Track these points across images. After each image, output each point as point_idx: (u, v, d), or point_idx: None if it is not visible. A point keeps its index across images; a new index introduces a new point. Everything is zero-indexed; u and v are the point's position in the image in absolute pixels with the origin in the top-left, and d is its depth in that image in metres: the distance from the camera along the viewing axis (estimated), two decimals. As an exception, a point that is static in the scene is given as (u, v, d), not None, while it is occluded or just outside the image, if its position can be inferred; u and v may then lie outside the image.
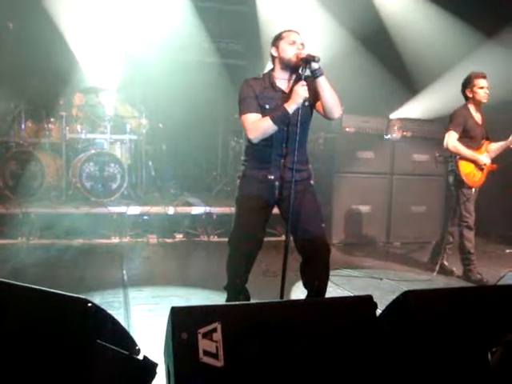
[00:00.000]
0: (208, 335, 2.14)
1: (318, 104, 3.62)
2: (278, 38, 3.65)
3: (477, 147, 5.38)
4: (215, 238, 6.97)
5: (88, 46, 8.11)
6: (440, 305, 2.58)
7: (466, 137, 5.33)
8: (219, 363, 2.13)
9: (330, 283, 5.00)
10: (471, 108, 5.38)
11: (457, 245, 5.56)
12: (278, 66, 3.64)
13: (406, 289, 2.56)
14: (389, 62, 8.76)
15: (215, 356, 2.13)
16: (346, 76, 8.60)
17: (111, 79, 8.02)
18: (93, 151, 7.07)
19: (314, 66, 3.43)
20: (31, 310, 2.14)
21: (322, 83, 3.49)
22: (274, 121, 3.46)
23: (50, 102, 7.43)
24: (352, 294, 4.47)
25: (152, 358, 2.26)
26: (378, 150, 7.25)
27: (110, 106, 7.60)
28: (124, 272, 5.26)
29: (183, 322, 2.14)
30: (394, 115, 7.88)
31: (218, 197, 8.01)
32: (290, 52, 3.55)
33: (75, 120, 7.40)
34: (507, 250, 6.47)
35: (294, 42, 3.58)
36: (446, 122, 5.67)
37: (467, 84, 5.39)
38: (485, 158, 5.35)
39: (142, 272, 5.38)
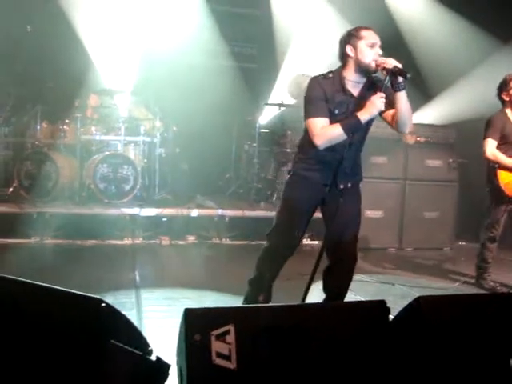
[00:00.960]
0: (221, 337, 2.15)
1: (387, 114, 3.44)
2: (355, 36, 3.36)
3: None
4: (227, 241, 6.98)
5: (104, 48, 8.17)
6: (453, 311, 2.58)
7: (505, 143, 5.07)
8: (232, 365, 2.14)
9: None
10: (508, 112, 5.12)
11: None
12: (351, 68, 3.38)
13: (417, 295, 2.56)
14: (404, 66, 8.73)
15: (228, 358, 2.14)
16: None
17: (126, 81, 8.07)
18: (107, 153, 7.11)
19: (399, 80, 3.24)
20: (46, 309, 2.16)
21: (402, 98, 3.31)
22: (345, 130, 3.28)
23: (65, 104, 7.50)
24: (364, 300, 4.45)
25: (164, 359, 2.27)
26: (392, 154, 7.22)
27: (125, 108, 7.64)
28: (136, 273, 5.28)
29: (196, 323, 2.15)
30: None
31: (231, 199, 8.02)
32: (369, 56, 3.31)
33: (90, 121, 7.44)
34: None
35: (373, 45, 3.34)
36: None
37: (503, 87, 5.12)
38: None
39: (154, 273, 5.41)
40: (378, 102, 3.23)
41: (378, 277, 5.69)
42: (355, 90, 3.41)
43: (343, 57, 3.43)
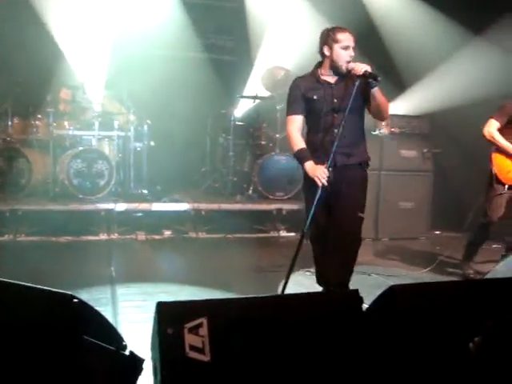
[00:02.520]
0: (194, 330, 2.14)
1: (369, 106, 3.91)
2: (331, 39, 3.79)
3: None
4: (204, 235, 6.96)
5: (75, 42, 8.04)
6: (426, 298, 2.60)
7: (511, 128, 4.97)
8: (205, 358, 2.13)
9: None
10: None
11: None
12: (326, 65, 3.89)
13: (393, 284, 2.57)
14: (377, 58, 8.75)
15: (201, 351, 2.13)
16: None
17: (98, 75, 7.97)
18: (80, 148, 7.03)
19: (370, 81, 3.69)
20: (17, 306, 2.13)
21: (375, 94, 3.75)
22: (295, 155, 3.94)
23: (36, 99, 7.38)
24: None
25: (139, 353, 2.25)
26: (367, 146, 7.24)
27: (98, 103, 7.55)
28: (112, 269, 5.23)
29: (169, 316, 2.14)
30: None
31: (207, 193, 8.00)
32: (343, 58, 3.78)
33: (62, 116, 7.34)
34: (494, 246, 6.50)
35: (347, 48, 3.78)
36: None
37: None
38: None
39: (130, 269, 5.37)
40: (318, 174, 3.65)
41: (354, 267, 5.71)
42: (332, 79, 3.90)
43: (321, 54, 3.91)
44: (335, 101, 3.85)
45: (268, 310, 2.32)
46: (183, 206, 7.12)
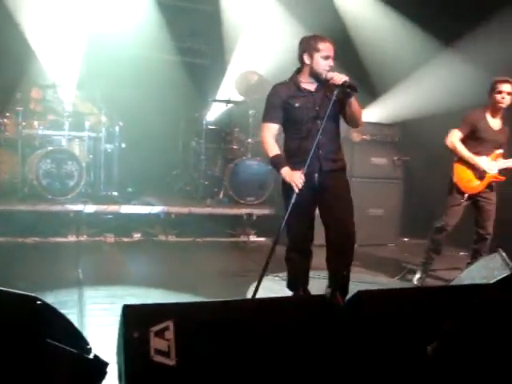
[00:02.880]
0: (160, 334, 2.12)
1: (344, 113, 4.01)
2: (312, 47, 3.85)
3: (485, 153, 5.11)
4: (173, 238, 6.93)
5: (47, 42, 7.96)
6: (392, 304, 2.63)
7: (474, 139, 5.05)
8: (171, 362, 2.11)
9: (285, 283, 5.07)
10: (488, 112, 5.08)
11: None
12: (306, 72, 3.95)
13: (361, 288, 2.60)
14: (350, 66, 8.83)
15: (167, 355, 2.11)
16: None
17: (71, 75, 7.89)
18: (50, 148, 6.94)
19: (348, 90, 3.80)
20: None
21: (352, 103, 3.89)
22: (271, 161, 3.98)
23: (5, 97, 7.27)
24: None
25: (105, 357, 2.23)
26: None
27: (69, 103, 7.48)
28: (80, 271, 5.17)
29: (135, 320, 2.12)
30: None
31: (178, 196, 7.96)
32: (322, 67, 3.85)
33: (32, 115, 7.24)
34: (461, 253, 6.60)
35: (327, 58, 3.85)
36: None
37: (489, 90, 5.05)
38: (486, 165, 5.06)
39: (98, 271, 5.31)
40: (295, 179, 3.74)
41: (322, 272, 5.72)
42: (312, 86, 3.97)
43: (300, 61, 3.96)
44: (317, 108, 3.92)
45: (235, 314, 2.32)
46: (153, 209, 7.08)
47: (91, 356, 2.21)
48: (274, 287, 4.97)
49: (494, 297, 2.61)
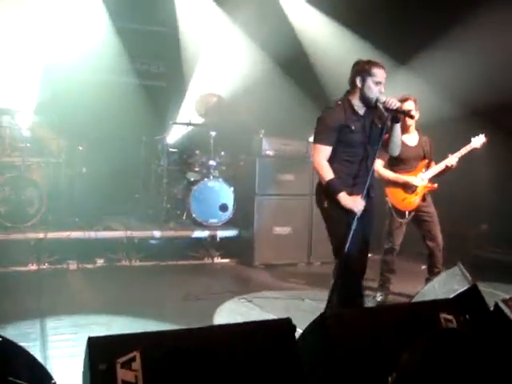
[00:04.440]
0: (127, 365, 2.11)
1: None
2: (366, 72, 3.89)
3: (410, 169, 5.33)
4: (137, 263, 6.87)
5: (3, 67, 7.86)
6: (357, 324, 2.67)
7: (397, 161, 5.21)
8: (139, 393, 2.10)
9: (252, 305, 5.10)
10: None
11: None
12: (357, 95, 3.96)
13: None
14: (308, 85, 8.99)
15: (134, 386, 2.10)
16: (266, 99, 8.79)
17: (28, 100, 7.80)
18: (8, 175, 6.81)
19: (399, 116, 3.93)
20: None
21: (397, 129, 4.03)
22: (328, 184, 3.88)
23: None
24: (275, 316, 4.51)
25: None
26: (298, 172, 7.39)
27: (27, 128, 7.37)
28: (42, 301, 5.06)
29: (101, 352, 2.10)
30: (313, 138, 8.06)
31: (140, 220, 7.90)
32: (374, 92, 3.89)
33: (-11, 143, 7.11)
34: (423, 267, 6.71)
35: (379, 83, 3.90)
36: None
37: None
38: (417, 180, 5.29)
39: (61, 300, 5.21)
40: (359, 206, 3.81)
41: (287, 293, 5.78)
42: (362, 110, 4.01)
43: (352, 85, 4.00)
44: (367, 133, 3.98)
45: (202, 342, 2.32)
46: (116, 234, 7.01)
47: (56, 390, 2.18)
48: (241, 310, 4.99)
49: (448, 329, 2.68)
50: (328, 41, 9.16)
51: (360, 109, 3.98)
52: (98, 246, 6.85)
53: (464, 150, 5.34)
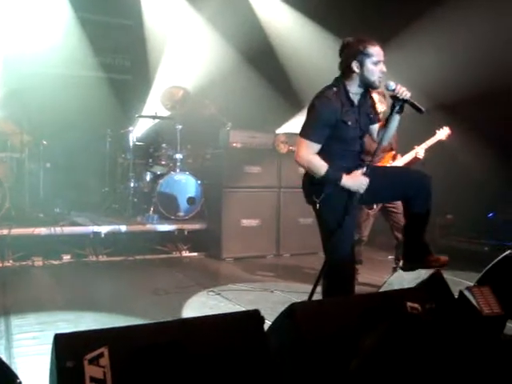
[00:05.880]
0: (94, 361, 2.09)
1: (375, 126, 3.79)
2: (362, 53, 3.46)
3: (377, 161, 5.31)
4: (104, 258, 6.79)
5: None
6: (325, 314, 2.69)
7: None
8: (107, 389, 2.08)
9: (221, 298, 5.09)
10: None
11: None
12: (355, 82, 3.52)
13: (295, 300, 2.64)
14: (275, 78, 9.01)
15: (103, 382, 2.08)
16: (233, 92, 8.77)
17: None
18: (-31, 171, 6.69)
19: (404, 107, 3.55)
20: None
21: (396, 121, 3.66)
22: (325, 177, 3.46)
23: None
24: (244, 309, 4.51)
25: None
26: (266, 164, 7.40)
27: (-11, 123, 7.24)
28: (6, 298, 4.98)
29: (68, 349, 2.08)
30: (280, 130, 8.09)
31: (107, 215, 7.82)
32: (375, 74, 3.47)
33: None
34: (389, 257, 6.79)
35: (379, 62, 3.48)
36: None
37: None
38: None
39: (26, 297, 5.11)
40: (363, 184, 3.48)
41: (257, 284, 5.79)
42: (356, 99, 3.58)
43: (347, 70, 3.53)
44: (361, 124, 3.61)
45: (171, 335, 2.31)
46: (82, 229, 6.92)
47: (22, 390, 2.14)
48: (210, 303, 4.97)
49: (409, 314, 2.72)
50: (294, 33, 9.18)
51: (355, 97, 3.56)
52: (64, 241, 6.74)
53: (430, 142, 5.46)
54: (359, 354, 2.29)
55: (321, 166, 3.47)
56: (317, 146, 3.49)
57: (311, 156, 3.48)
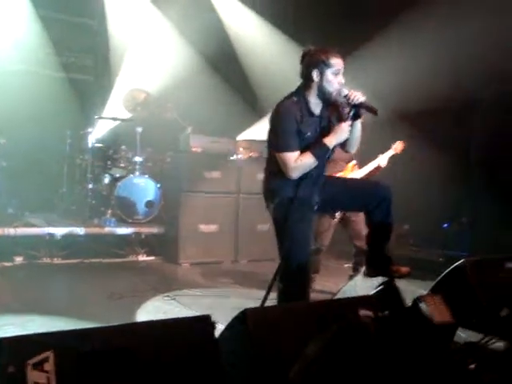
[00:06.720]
0: (38, 366, 2.03)
1: None
2: (323, 63, 3.46)
3: (339, 170, 5.43)
4: (59, 260, 6.66)
5: None
6: (277, 320, 2.69)
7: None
8: (50, 395, 2.03)
9: (176, 303, 5.05)
10: None
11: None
12: (314, 91, 3.52)
13: (252, 306, 2.63)
14: (236, 84, 9.03)
15: (46, 387, 2.03)
16: (194, 96, 8.75)
17: None
18: None
19: (361, 112, 3.51)
20: None
21: (358, 125, 3.60)
22: (317, 158, 3.47)
23: None
24: (199, 314, 4.47)
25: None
26: (225, 169, 7.39)
27: None
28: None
29: (10, 353, 2.01)
30: (241, 136, 8.10)
31: (63, 216, 7.68)
32: (334, 85, 3.47)
33: None
34: (345, 265, 6.85)
35: (338, 73, 3.49)
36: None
37: None
38: None
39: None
40: (346, 130, 3.47)
41: (213, 290, 5.77)
42: (317, 110, 3.58)
43: (307, 79, 3.54)
44: (323, 135, 3.57)
45: (120, 340, 2.26)
46: (37, 231, 6.77)
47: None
48: (165, 307, 4.93)
49: (355, 323, 2.74)
50: (257, 39, 9.22)
51: (316, 107, 3.57)
52: (18, 243, 6.59)
53: (388, 154, 5.55)
54: (299, 360, 2.29)
55: (308, 160, 3.50)
56: (297, 153, 3.49)
57: (298, 162, 3.49)
